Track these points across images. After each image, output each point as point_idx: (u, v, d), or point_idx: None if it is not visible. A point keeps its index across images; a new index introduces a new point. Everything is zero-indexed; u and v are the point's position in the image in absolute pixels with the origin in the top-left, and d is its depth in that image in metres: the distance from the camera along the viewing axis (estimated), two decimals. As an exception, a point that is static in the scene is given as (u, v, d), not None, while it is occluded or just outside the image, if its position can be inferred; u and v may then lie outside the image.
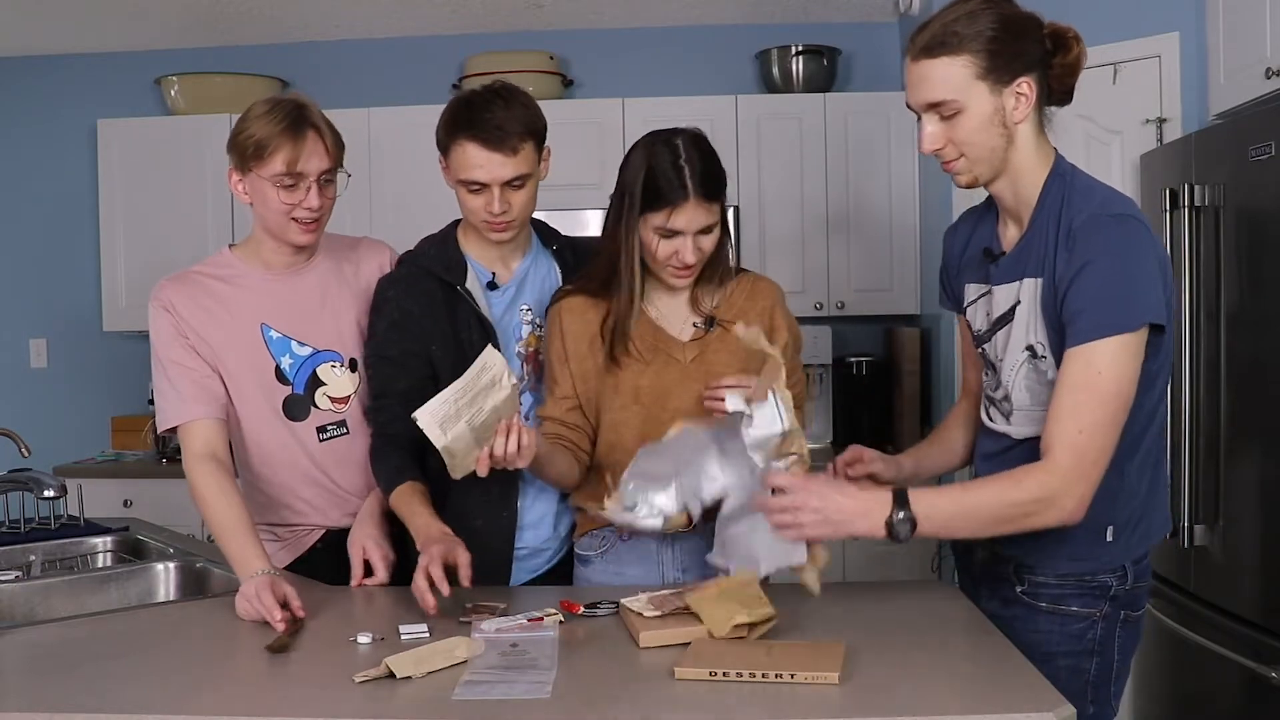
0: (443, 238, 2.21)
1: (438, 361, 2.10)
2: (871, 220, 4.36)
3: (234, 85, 4.58)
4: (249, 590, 1.89)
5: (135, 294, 4.46)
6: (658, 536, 2.09)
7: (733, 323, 2.05)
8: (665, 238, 1.98)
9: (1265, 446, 2.57)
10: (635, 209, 1.98)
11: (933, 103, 1.72)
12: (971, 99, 1.70)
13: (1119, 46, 3.39)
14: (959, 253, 1.98)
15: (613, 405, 2.08)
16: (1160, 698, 3.09)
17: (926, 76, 1.71)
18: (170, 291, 2.15)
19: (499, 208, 2.06)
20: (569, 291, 2.13)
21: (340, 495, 2.24)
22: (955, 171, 1.78)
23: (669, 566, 2.11)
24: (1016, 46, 1.71)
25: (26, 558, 2.49)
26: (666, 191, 1.95)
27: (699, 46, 4.73)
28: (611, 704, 1.49)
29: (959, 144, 1.74)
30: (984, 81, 1.70)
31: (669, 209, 1.95)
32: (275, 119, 2.04)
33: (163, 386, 2.14)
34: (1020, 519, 1.68)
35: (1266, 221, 2.55)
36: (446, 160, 2.10)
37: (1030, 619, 1.81)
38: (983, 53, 1.69)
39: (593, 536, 2.15)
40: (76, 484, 2.73)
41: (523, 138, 2.05)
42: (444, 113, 2.11)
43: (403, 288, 2.15)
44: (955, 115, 1.71)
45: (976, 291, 1.90)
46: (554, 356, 2.11)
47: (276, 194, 2.07)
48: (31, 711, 1.47)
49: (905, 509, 1.65)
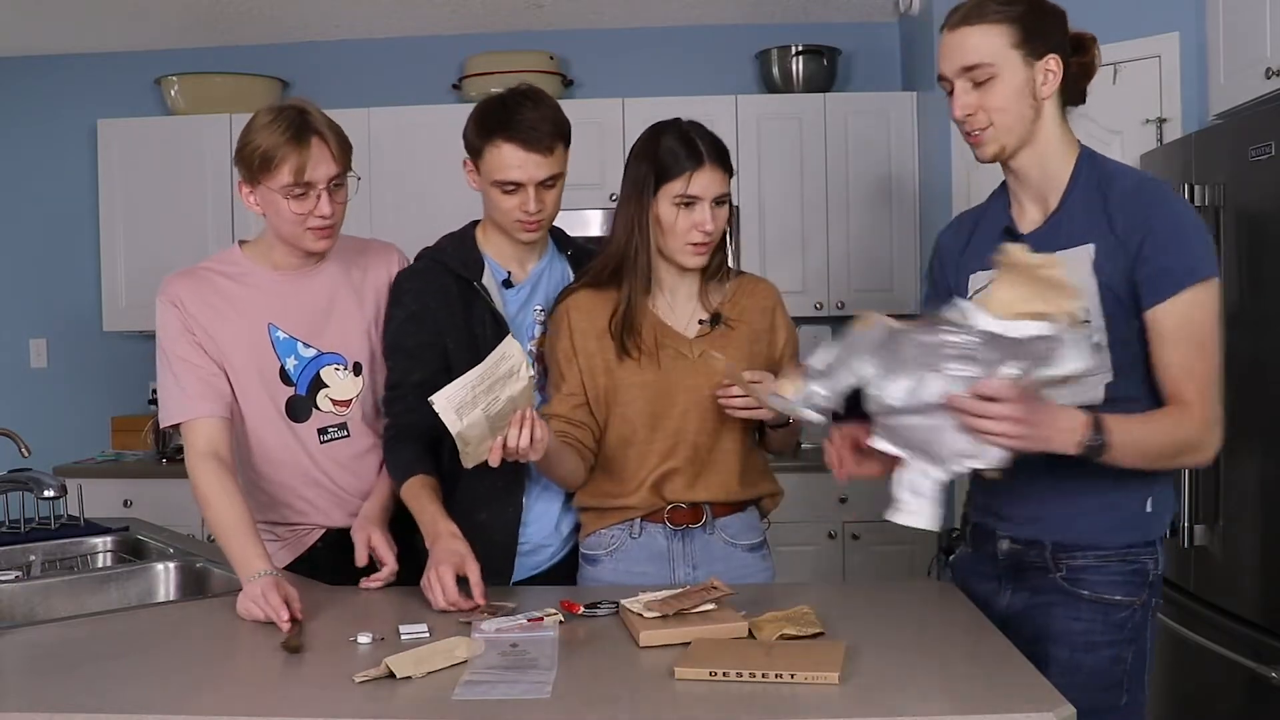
0: (461, 235, 2.24)
1: (452, 355, 2.12)
2: (871, 220, 4.36)
3: (234, 85, 4.58)
4: (254, 591, 1.89)
5: (135, 294, 4.46)
6: (667, 534, 2.11)
7: (738, 320, 2.12)
8: (685, 206, 2.03)
9: (1265, 446, 2.57)
10: (650, 187, 2.04)
11: (968, 66, 1.79)
12: (1005, 66, 1.78)
13: (1119, 46, 3.39)
14: (960, 248, 2.00)
15: (620, 401, 2.09)
16: (1160, 698, 3.09)
17: (962, 43, 1.80)
18: (178, 287, 2.15)
19: (534, 207, 2.09)
20: (575, 288, 2.15)
21: (341, 496, 2.24)
22: (982, 142, 1.83)
23: (679, 563, 2.12)
24: (1047, 24, 1.81)
25: (26, 558, 2.49)
26: (684, 158, 2.02)
27: (699, 46, 4.74)
28: (611, 704, 1.49)
29: (990, 110, 1.80)
30: (1018, 50, 1.79)
31: (688, 174, 2.02)
32: (278, 129, 2.04)
33: (167, 382, 2.14)
34: (1175, 457, 1.77)
35: (1266, 221, 2.55)
36: (478, 162, 2.12)
37: (1071, 607, 1.82)
38: (1018, 24, 1.78)
39: (600, 536, 2.14)
40: (76, 484, 2.73)
41: (555, 138, 2.09)
42: (474, 116, 2.13)
43: (420, 281, 2.18)
44: (988, 81, 1.79)
45: (986, 277, 1.90)
46: (561, 354, 2.12)
47: (287, 205, 2.07)
48: (31, 711, 1.47)
49: (1101, 432, 1.66)
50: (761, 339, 2.16)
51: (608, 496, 2.13)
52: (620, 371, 2.09)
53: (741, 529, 2.17)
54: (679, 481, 2.10)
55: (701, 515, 2.12)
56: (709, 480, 2.11)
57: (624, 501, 2.11)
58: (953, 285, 1.98)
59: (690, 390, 2.08)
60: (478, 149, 2.11)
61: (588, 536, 2.17)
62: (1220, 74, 3.11)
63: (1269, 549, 2.55)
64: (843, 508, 4.09)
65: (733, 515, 2.15)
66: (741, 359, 2.09)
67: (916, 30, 4.35)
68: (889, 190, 4.35)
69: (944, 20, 1.85)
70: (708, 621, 1.73)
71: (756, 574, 2.16)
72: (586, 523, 2.17)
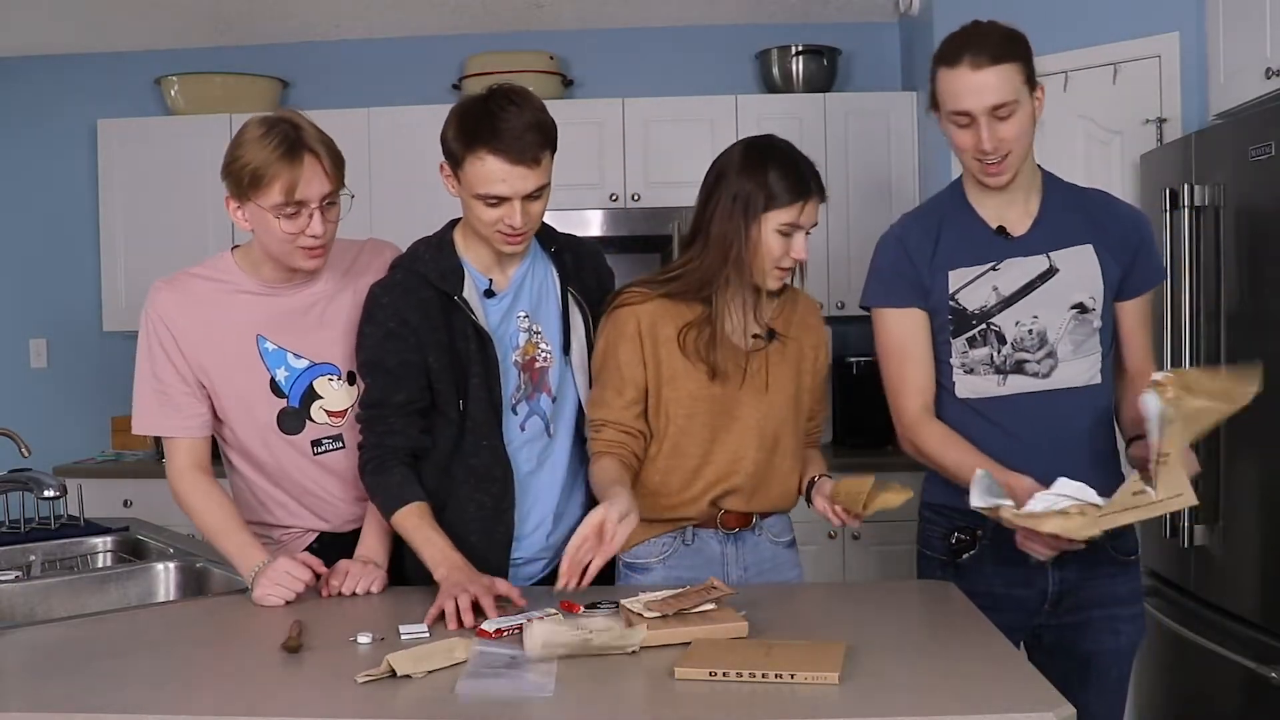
0: (438, 242, 2.14)
1: (433, 372, 2.07)
2: (872, 220, 4.34)
3: (234, 85, 4.58)
4: (275, 573, 1.92)
5: (135, 294, 4.43)
6: (720, 539, 2.12)
7: (788, 335, 2.15)
8: (785, 235, 2.04)
9: (1265, 446, 2.57)
10: (758, 209, 2.03)
11: (998, 104, 1.98)
12: (1022, 100, 2.00)
13: (1119, 46, 3.39)
14: (929, 248, 2.12)
15: (678, 414, 2.08)
16: (1160, 698, 3.09)
17: (990, 83, 1.97)
18: (165, 299, 2.11)
19: (520, 221, 1.99)
20: (648, 295, 2.09)
21: (335, 504, 2.22)
22: (1002, 171, 2.03)
23: (733, 565, 2.13)
24: (1031, 57, 2.04)
25: (26, 558, 2.49)
26: (797, 187, 2.03)
27: (699, 46, 4.73)
28: (611, 704, 1.49)
29: (1010, 141, 2.00)
30: (1026, 85, 2.01)
31: (801, 204, 2.04)
32: (270, 144, 1.97)
33: (145, 391, 2.13)
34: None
35: (1266, 221, 2.56)
36: (458, 171, 2.01)
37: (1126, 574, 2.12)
38: (1024, 60, 2.01)
39: (650, 545, 2.13)
40: (76, 484, 2.73)
41: (541, 147, 1.98)
42: (454, 121, 2.01)
43: (398, 295, 2.08)
44: (1010, 116, 1.99)
45: (972, 273, 2.09)
46: (626, 359, 2.07)
47: (279, 223, 2.00)
48: (31, 711, 1.47)
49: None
50: (808, 355, 2.19)
51: (661, 509, 2.10)
52: (687, 384, 2.07)
53: (782, 527, 2.23)
54: (737, 499, 2.12)
55: (752, 519, 2.15)
56: (766, 494, 2.14)
57: (679, 513, 2.11)
58: (926, 282, 2.11)
59: (747, 404, 2.09)
60: (458, 158, 1.99)
61: (635, 546, 2.13)
62: (1220, 74, 3.11)
63: (1269, 549, 2.55)
64: (843, 508, 4.09)
65: (774, 515, 2.20)
66: (791, 375, 2.14)
67: (916, 30, 4.35)
68: (889, 190, 4.35)
69: (953, 55, 2.01)
70: (708, 621, 1.73)
71: (792, 569, 2.22)
72: (634, 532, 2.12)
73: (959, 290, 2.09)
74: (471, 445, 2.09)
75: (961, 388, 2.11)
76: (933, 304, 2.12)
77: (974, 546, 2.10)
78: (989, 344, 2.08)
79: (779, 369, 2.12)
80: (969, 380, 2.10)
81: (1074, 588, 2.09)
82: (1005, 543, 2.03)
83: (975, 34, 2.01)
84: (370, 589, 2.04)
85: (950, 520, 2.12)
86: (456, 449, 2.10)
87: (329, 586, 2.03)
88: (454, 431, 2.09)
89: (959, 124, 2.03)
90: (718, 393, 2.08)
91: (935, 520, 2.17)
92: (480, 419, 2.08)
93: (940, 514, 2.16)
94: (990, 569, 2.09)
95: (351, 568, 2.07)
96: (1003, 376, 2.08)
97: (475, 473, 2.09)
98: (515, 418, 2.13)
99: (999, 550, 2.06)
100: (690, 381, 2.08)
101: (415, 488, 2.05)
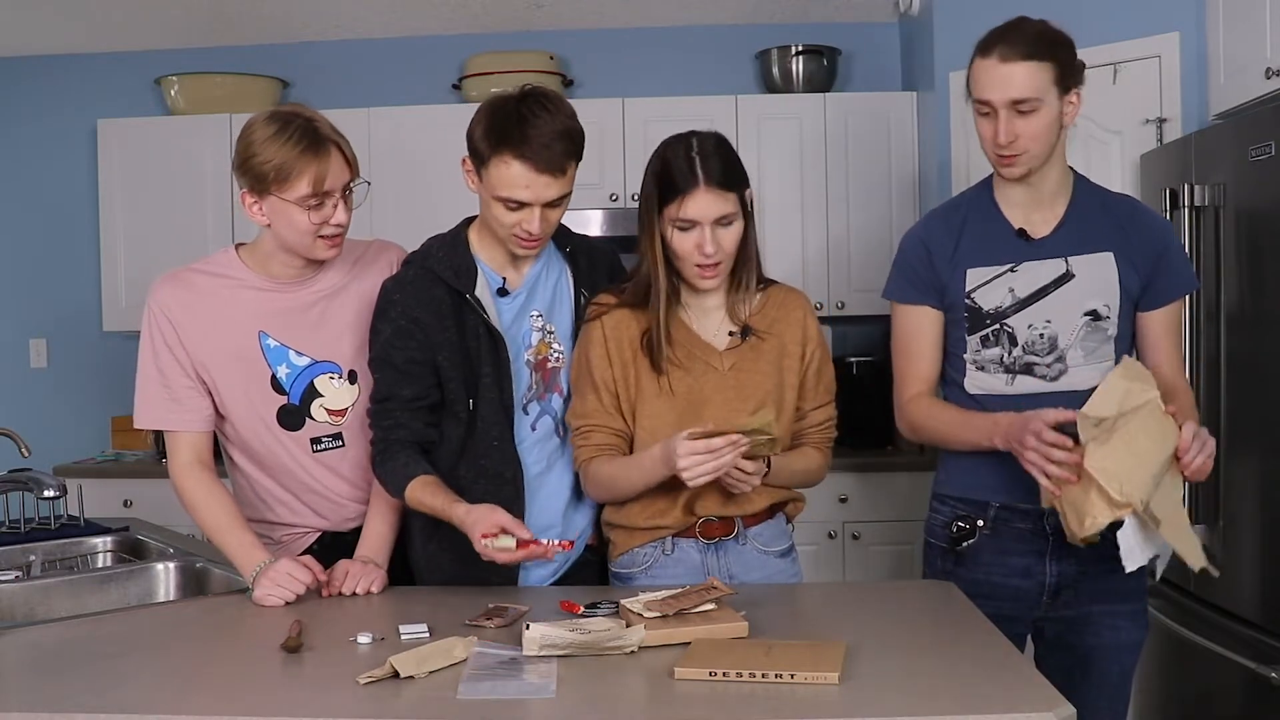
0: (452, 240, 2.13)
1: (444, 370, 2.07)
2: (871, 220, 4.35)
3: (234, 85, 4.58)
4: (276, 574, 1.92)
5: (135, 294, 4.45)
6: (700, 549, 2.09)
7: (768, 332, 2.10)
8: (682, 230, 1.99)
9: (1265, 446, 2.57)
10: (654, 208, 2.00)
11: (1019, 99, 1.99)
12: (1047, 99, 2.00)
13: (1119, 46, 3.39)
14: (951, 244, 2.14)
15: (650, 412, 2.06)
16: (1160, 698, 3.09)
17: (1015, 77, 1.99)
18: (167, 294, 2.11)
19: (538, 228, 1.99)
20: (610, 305, 2.09)
21: (338, 503, 2.22)
22: (1015, 165, 2.04)
23: (715, 575, 2.08)
24: (1075, 62, 2.04)
25: (26, 558, 2.49)
26: (678, 180, 1.97)
27: (699, 46, 4.73)
28: (611, 704, 1.49)
29: (1027, 137, 2.01)
30: (1057, 87, 2.01)
31: (681, 197, 1.97)
32: (292, 141, 1.98)
33: (148, 385, 2.13)
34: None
35: (1266, 221, 2.56)
36: (482, 170, 2.00)
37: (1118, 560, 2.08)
38: (1060, 62, 2.01)
39: (632, 555, 2.11)
40: (76, 484, 2.73)
41: (568, 156, 1.98)
42: (483, 119, 2.00)
43: (410, 292, 2.07)
44: (1032, 113, 2.00)
45: (989, 273, 2.11)
46: (597, 361, 2.07)
47: (305, 215, 2.01)
48: (31, 711, 1.47)
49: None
50: (791, 351, 2.12)
51: (637, 516, 2.09)
52: (650, 385, 2.06)
53: (773, 536, 2.15)
54: (711, 503, 2.08)
55: (733, 527, 2.10)
56: (745, 496, 2.06)
57: (655, 521, 2.08)
58: (945, 280, 2.13)
59: (719, 402, 2.05)
60: (484, 157, 1.98)
61: (620, 556, 2.13)
62: (1220, 74, 3.11)
63: (1269, 549, 2.55)
64: (843, 507, 4.09)
65: (763, 524, 2.13)
66: (771, 371, 2.09)
67: (916, 30, 4.35)
68: (889, 190, 4.35)
69: (989, 45, 2.02)
70: (708, 621, 1.73)
71: (788, 579, 2.17)
72: (617, 541, 2.14)
73: (976, 289, 2.12)
74: (482, 444, 2.08)
75: (971, 383, 2.14)
76: (950, 300, 2.14)
77: (974, 535, 2.13)
78: (1000, 344, 2.11)
79: (756, 365, 2.08)
80: (979, 376, 2.13)
81: (1072, 581, 2.11)
82: (1004, 534, 2.09)
83: (1015, 28, 2.02)
84: (370, 589, 2.04)
85: (954, 509, 2.16)
86: (466, 448, 2.09)
87: (329, 587, 2.03)
88: (464, 430, 2.09)
89: (981, 112, 2.05)
90: (684, 395, 2.06)
91: (940, 509, 2.21)
92: (491, 418, 2.07)
93: (945, 503, 2.19)
94: (989, 559, 2.12)
95: (351, 568, 2.07)
96: (1011, 376, 2.11)
97: (485, 472, 2.08)
98: (526, 417, 2.13)
99: (998, 541, 2.11)
100: (654, 385, 2.06)
101: (422, 464, 2.06)
